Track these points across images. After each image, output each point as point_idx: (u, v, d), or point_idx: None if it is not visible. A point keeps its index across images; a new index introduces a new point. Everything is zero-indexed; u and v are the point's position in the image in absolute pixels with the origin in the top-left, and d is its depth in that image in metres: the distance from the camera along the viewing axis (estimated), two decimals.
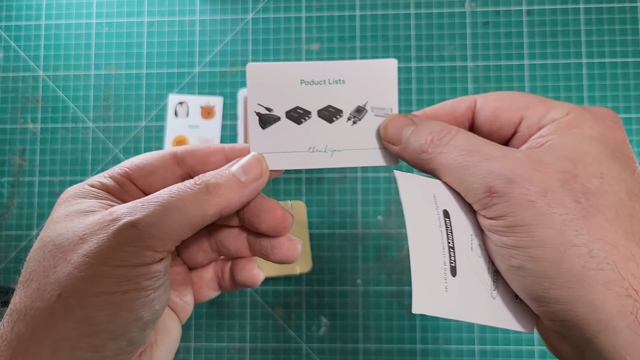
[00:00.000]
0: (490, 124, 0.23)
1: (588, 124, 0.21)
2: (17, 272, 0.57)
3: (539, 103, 0.22)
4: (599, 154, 0.20)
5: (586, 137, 0.20)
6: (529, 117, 0.22)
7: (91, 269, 0.19)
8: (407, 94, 0.56)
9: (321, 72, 0.24)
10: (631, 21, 0.55)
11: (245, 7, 0.58)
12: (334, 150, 0.24)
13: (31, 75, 0.59)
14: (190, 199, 0.21)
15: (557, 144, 0.20)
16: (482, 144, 0.21)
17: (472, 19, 0.56)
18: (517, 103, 0.22)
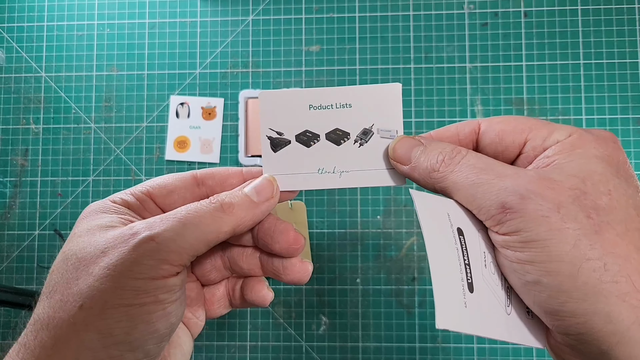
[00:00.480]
0: (496, 146, 0.24)
1: (591, 144, 0.21)
2: (19, 271, 0.58)
3: (542, 126, 0.23)
4: (605, 172, 0.20)
5: (591, 157, 0.21)
6: (533, 138, 0.23)
7: (112, 281, 0.20)
8: (407, 95, 0.56)
9: (328, 97, 0.25)
10: (628, 22, 0.55)
11: (246, 8, 0.58)
12: (343, 172, 0.25)
13: (33, 76, 0.59)
14: (205, 216, 0.22)
15: (564, 163, 0.21)
16: (493, 163, 0.22)
17: (471, 20, 0.56)
18: (521, 126, 0.23)
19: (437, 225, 0.22)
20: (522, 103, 0.55)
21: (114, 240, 0.21)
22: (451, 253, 0.22)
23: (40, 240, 0.57)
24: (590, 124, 0.54)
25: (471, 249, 0.22)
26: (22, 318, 0.56)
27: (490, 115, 0.55)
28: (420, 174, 0.23)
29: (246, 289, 0.27)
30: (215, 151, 0.57)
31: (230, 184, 0.26)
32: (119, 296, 0.20)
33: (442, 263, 0.21)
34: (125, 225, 0.22)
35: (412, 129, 0.56)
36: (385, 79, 0.56)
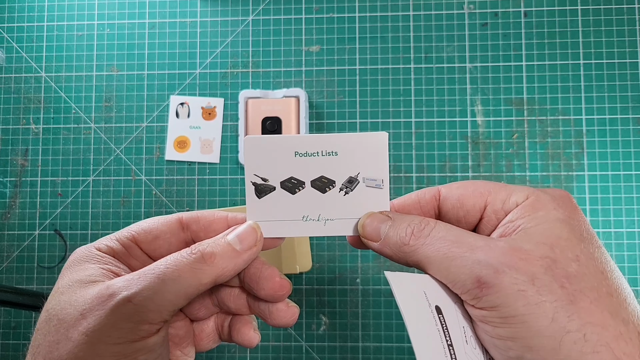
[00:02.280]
0: (457, 211, 0.24)
1: (551, 205, 0.22)
2: (19, 271, 0.58)
3: (500, 188, 0.23)
4: (570, 237, 0.20)
5: (554, 220, 0.21)
6: (492, 202, 0.23)
7: (90, 348, 0.20)
8: (407, 95, 0.56)
9: (314, 145, 0.25)
10: (628, 22, 0.55)
11: (246, 8, 0.58)
12: (327, 219, 0.25)
13: (33, 76, 0.59)
14: (185, 269, 0.22)
15: (530, 228, 0.21)
16: (463, 234, 0.22)
17: (471, 20, 0.56)
18: (480, 189, 0.23)
19: (416, 308, 0.22)
20: (522, 103, 0.55)
21: (92, 301, 0.21)
22: (434, 336, 0.22)
23: (40, 240, 0.57)
24: (590, 124, 0.54)
25: (451, 326, 0.22)
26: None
27: (490, 115, 0.55)
28: (391, 248, 0.23)
29: (233, 330, 0.27)
30: (215, 151, 0.57)
31: (214, 229, 0.25)
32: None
33: (427, 349, 0.21)
34: (107, 278, 0.22)
35: (412, 129, 0.56)
36: (385, 79, 0.56)
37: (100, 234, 0.57)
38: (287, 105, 0.55)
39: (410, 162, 0.55)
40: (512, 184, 0.54)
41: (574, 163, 0.54)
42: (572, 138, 0.55)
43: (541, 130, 0.55)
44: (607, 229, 0.53)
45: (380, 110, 0.56)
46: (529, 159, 0.55)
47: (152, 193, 0.57)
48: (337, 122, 0.57)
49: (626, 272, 0.53)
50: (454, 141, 0.55)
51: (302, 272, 0.54)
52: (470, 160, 0.55)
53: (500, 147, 0.55)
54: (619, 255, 0.53)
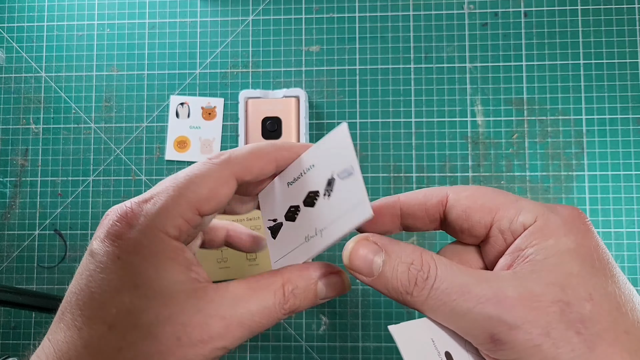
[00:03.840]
0: (462, 223, 0.23)
1: (561, 231, 0.20)
2: (19, 271, 0.58)
3: (509, 204, 0.22)
4: (581, 272, 0.19)
5: (565, 252, 0.20)
6: (499, 220, 0.22)
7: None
8: (407, 95, 0.56)
9: (297, 168, 0.25)
10: (628, 22, 0.55)
11: (246, 8, 0.58)
12: (321, 230, 0.24)
13: (33, 76, 0.59)
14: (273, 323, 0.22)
15: (539, 263, 0.20)
16: (469, 282, 0.20)
17: (471, 20, 0.56)
18: (488, 204, 0.22)
19: (424, 358, 0.21)
20: (522, 103, 0.55)
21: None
22: None
23: (40, 240, 0.57)
24: (590, 124, 0.54)
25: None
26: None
27: (490, 115, 0.55)
28: (390, 291, 0.21)
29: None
30: (215, 151, 0.57)
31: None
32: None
33: None
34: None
35: (412, 129, 0.56)
36: (385, 79, 0.56)
37: None
38: (287, 105, 0.55)
39: (410, 162, 0.55)
40: (512, 184, 0.54)
41: (574, 163, 0.54)
42: (572, 138, 0.55)
43: (541, 130, 0.55)
44: (607, 229, 0.53)
45: (380, 110, 0.56)
46: (529, 159, 0.55)
47: None
48: (337, 122, 0.56)
49: (626, 272, 0.53)
50: (454, 141, 0.55)
51: None
52: (470, 160, 0.55)
53: (500, 147, 0.55)
54: (619, 255, 0.53)
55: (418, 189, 0.24)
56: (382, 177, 0.55)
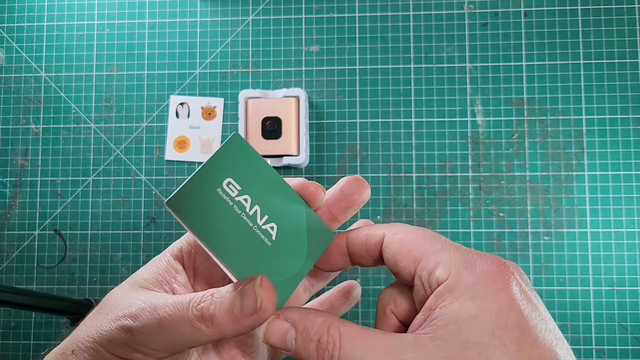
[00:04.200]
0: (392, 267, 0.23)
1: (468, 294, 0.20)
2: (19, 271, 0.58)
3: (431, 255, 0.22)
4: (477, 344, 0.19)
5: (466, 320, 0.19)
6: (419, 272, 0.22)
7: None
8: (407, 95, 0.56)
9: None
10: (628, 22, 0.55)
11: (246, 8, 0.58)
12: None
13: (33, 76, 0.59)
14: (184, 324, 0.21)
15: (440, 332, 0.20)
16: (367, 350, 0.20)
17: (471, 20, 0.56)
18: (414, 252, 0.22)
19: None
20: (522, 103, 0.55)
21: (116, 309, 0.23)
22: None
23: (40, 240, 0.57)
24: (590, 124, 0.54)
25: None
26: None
27: (490, 115, 0.55)
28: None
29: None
30: (215, 151, 0.57)
31: None
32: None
33: None
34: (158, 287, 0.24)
35: (412, 129, 0.56)
36: (385, 78, 0.56)
37: (100, 234, 0.57)
38: (287, 105, 0.55)
39: (410, 162, 0.55)
40: (512, 184, 0.54)
41: (574, 163, 0.54)
42: (572, 138, 0.55)
43: (541, 130, 0.55)
44: (607, 229, 0.53)
45: (380, 110, 0.56)
46: (529, 159, 0.55)
47: (152, 193, 0.57)
48: (337, 122, 0.56)
49: (626, 272, 0.53)
50: (454, 141, 0.55)
51: None
52: (470, 160, 0.55)
53: (500, 147, 0.55)
54: (618, 255, 0.53)
55: (363, 227, 0.25)
56: (382, 177, 0.55)
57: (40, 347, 0.56)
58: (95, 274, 0.56)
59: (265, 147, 0.54)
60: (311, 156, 0.56)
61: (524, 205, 0.54)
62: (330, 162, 0.56)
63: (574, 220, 0.54)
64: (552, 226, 0.54)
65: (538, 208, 0.54)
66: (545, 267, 0.53)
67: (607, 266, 0.53)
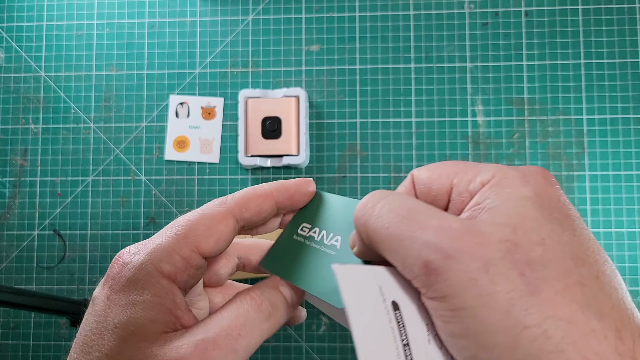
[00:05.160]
0: (425, 197, 0.21)
1: (519, 181, 0.19)
2: (19, 271, 0.57)
3: (467, 168, 0.21)
4: (537, 217, 0.18)
5: (521, 198, 0.18)
6: (458, 184, 0.20)
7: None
8: (407, 95, 0.56)
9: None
10: (629, 22, 0.55)
11: (246, 8, 0.58)
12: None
13: (32, 76, 0.59)
14: (255, 330, 0.22)
15: (493, 209, 0.19)
16: (417, 209, 0.19)
17: (471, 19, 0.56)
18: (447, 171, 0.21)
19: (365, 304, 0.19)
20: (523, 103, 0.55)
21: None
22: (385, 336, 0.19)
23: (39, 240, 0.57)
24: (591, 124, 0.54)
25: (410, 324, 0.19)
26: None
27: (491, 114, 0.55)
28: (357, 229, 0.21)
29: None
30: (215, 151, 0.57)
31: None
32: None
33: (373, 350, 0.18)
34: (165, 327, 0.21)
35: (412, 128, 0.56)
36: (386, 78, 0.56)
37: (99, 234, 0.57)
38: (287, 104, 0.55)
39: (411, 162, 0.55)
40: None
41: (575, 163, 0.54)
42: (573, 138, 0.54)
43: (542, 130, 0.55)
44: (607, 228, 0.53)
45: (380, 110, 0.56)
46: (530, 159, 0.55)
47: (152, 193, 0.57)
48: (337, 121, 0.56)
49: (627, 272, 0.52)
50: (455, 141, 0.55)
51: None
52: (471, 160, 0.55)
53: (500, 147, 0.55)
54: (619, 255, 0.53)
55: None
56: (382, 177, 0.55)
57: (39, 347, 0.55)
58: (94, 274, 0.56)
59: (265, 147, 0.54)
60: (311, 156, 0.56)
61: None
62: (330, 162, 0.56)
63: None
64: None
65: None
66: None
67: None
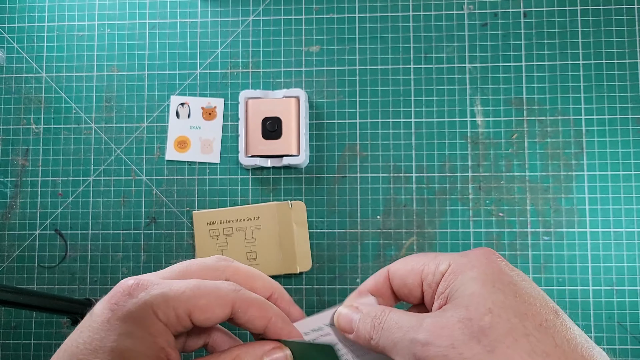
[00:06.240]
0: (401, 290, 0.27)
1: (467, 267, 0.24)
2: (20, 271, 0.58)
3: (430, 261, 0.26)
4: (482, 292, 0.22)
5: (470, 280, 0.23)
6: (425, 277, 0.26)
7: None
8: (407, 95, 0.56)
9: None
10: (628, 22, 0.55)
11: (246, 9, 0.59)
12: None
13: (33, 76, 0.59)
14: None
15: (452, 295, 0.23)
16: (404, 319, 0.24)
17: (470, 20, 0.57)
18: (416, 267, 0.26)
19: None
20: (522, 103, 0.55)
21: None
22: None
23: (40, 240, 0.57)
24: (589, 124, 0.55)
25: None
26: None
27: (490, 115, 0.55)
28: (362, 342, 0.26)
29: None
30: (215, 151, 0.57)
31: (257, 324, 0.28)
32: None
33: None
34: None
35: (411, 129, 0.56)
36: (385, 79, 0.57)
37: (100, 234, 0.57)
38: (287, 105, 0.55)
39: (410, 162, 0.56)
40: (512, 184, 0.54)
41: (574, 163, 0.54)
42: (572, 138, 0.55)
43: (540, 130, 0.55)
44: (606, 228, 0.53)
45: (380, 110, 0.56)
46: (529, 159, 0.55)
47: (153, 193, 0.57)
48: (337, 122, 0.57)
49: (625, 272, 0.53)
50: (454, 141, 0.55)
51: (302, 272, 0.54)
52: (470, 160, 0.55)
53: (499, 147, 0.55)
54: (618, 255, 0.53)
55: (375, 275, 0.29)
56: (382, 177, 0.56)
57: (40, 347, 0.56)
58: (95, 274, 0.57)
59: (265, 147, 0.54)
60: (311, 156, 0.56)
61: (524, 205, 0.54)
62: (330, 162, 0.56)
63: (574, 220, 0.54)
64: (551, 226, 0.54)
65: (537, 208, 0.54)
66: (545, 267, 0.53)
67: (607, 266, 0.53)
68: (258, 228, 0.55)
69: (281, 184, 0.56)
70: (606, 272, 0.53)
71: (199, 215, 0.55)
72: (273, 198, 0.56)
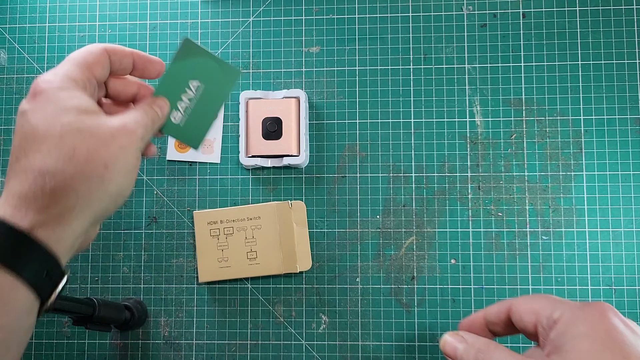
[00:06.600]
0: (518, 324, 0.30)
1: (579, 321, 0.26)
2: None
3: (547, 306, 0.28)
4: (590, 350, 0.24)
5: (580, 335, 0.25)
6: (540, 321, 0.28)
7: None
8: (406, 95, 0.57)
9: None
10: (626, 23, 0.56)
11: (246, 9, 0.59)
12: None
13: (34, 77, 0.59)
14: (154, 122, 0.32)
15: (561, 346, 0.25)
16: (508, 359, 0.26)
17: (469, 21, 0.57)
18: (535, 307, 0.29)
19: None
20: (521, 104, 0.56)
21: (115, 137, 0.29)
22: None
23: None
24: (588, 124, 0.55)
25: None
26: None
27: (489, 115, 0.56)
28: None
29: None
30: (216, 151, 0.57)
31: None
32: None
33: None
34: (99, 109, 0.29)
35: (411, 129, 0.56)
36: (385, 79, 0.57)
37: (101, 234, 0.57)
38: (288, 105, 0.55)
39: (410, 162, 0.56)
40: (511, 184, 0.55)
41: (572, 163, 0.55)
42: (571, 138, 0.55)
43: (539, 130, 0.55)
44: (605, 228, 0.54)
45: (379, 110, 0.57)
46: (528, 159, 0.55)
47: (154, 193, 0.57)
48: (337, 122, 0.57)
49: (624, 272, 0.53)
50: (453, 141, 0.56)
51: (302, 271, 0.55)
52: (469, 160, 0.55)
53: (498, 147, 0.55)
54: (616, 255, 0.53)
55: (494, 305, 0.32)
56: (381, 177, 0.56)
57: (41, 346, 0.56)
58: (96, 274, 0.57)
59: (265, 147, 0.55)
60: (311, 156, 0.57)
61: (523, 205, 0.55)
62: (330, 162, 0.57)
63: (572, 219, 0.54)
64: (550, 226, 0.54)
65: (536, 208, 0.54)
66: (543, 267, 0.54)
67: (605, 265, 0.53)
68: (258, 228, 0.55)
69: (281, 184, 0.57)
70: (605, 271, 0.53)
71: (199, 215, 0.56)
72: (273, 198, 0.56)
